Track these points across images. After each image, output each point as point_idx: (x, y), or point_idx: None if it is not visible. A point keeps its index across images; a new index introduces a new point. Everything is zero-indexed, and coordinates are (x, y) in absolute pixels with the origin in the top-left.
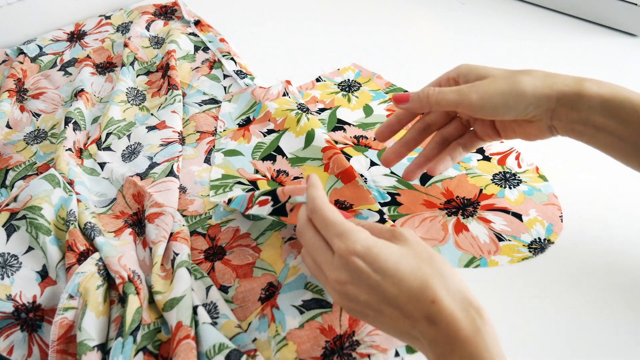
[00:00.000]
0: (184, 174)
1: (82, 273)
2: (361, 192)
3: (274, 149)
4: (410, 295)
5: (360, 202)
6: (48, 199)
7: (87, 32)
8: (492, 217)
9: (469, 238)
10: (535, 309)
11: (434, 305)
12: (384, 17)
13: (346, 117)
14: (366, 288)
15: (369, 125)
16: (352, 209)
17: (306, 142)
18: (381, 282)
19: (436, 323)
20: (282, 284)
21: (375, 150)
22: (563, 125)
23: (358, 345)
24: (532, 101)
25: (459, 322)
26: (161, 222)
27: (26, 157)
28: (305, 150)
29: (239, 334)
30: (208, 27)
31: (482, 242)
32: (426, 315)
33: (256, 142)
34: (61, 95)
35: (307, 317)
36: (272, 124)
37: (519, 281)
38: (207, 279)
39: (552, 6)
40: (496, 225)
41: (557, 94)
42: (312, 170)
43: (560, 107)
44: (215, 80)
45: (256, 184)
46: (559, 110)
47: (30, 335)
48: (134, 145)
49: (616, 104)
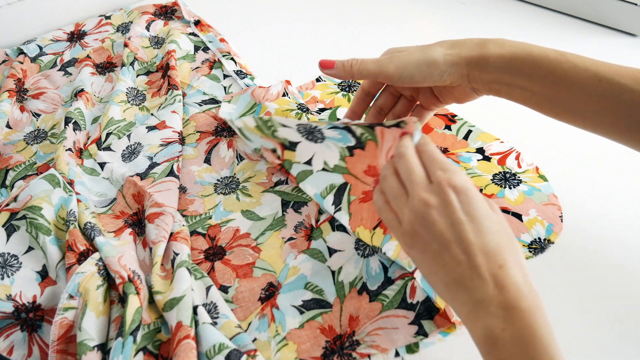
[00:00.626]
0: (184, 174)
1: (82, 273)
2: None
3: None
4: (484, 249)
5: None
6: (48, 199)
7: (87, 32)
8: None
9: None
10: None
11: (501, 270)
12: (384, 17)
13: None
14: (447, 221)
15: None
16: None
17: None
18: (464, 223)
19: (501, 286)
20: (282, 284)
21: None
22: (481, 87)
23: (358, 345)
24: (444, 69)
25: (523, 293)
26: (161, 222)
27: (26, 157)
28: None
29: (239, 334)
30: (208, 27)
31: None
32: (492, 275)
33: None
34: (61, 95)
35: (307, 317)
36: None
37: None
38: (207, 279)
39: (552, 6)
40: None
41: (465, 60)
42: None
43: (471, 70)
44: (215, 80)
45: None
46: (472, 73)
47: (30, 335)
48: (134, 145)
49: (519, 61)
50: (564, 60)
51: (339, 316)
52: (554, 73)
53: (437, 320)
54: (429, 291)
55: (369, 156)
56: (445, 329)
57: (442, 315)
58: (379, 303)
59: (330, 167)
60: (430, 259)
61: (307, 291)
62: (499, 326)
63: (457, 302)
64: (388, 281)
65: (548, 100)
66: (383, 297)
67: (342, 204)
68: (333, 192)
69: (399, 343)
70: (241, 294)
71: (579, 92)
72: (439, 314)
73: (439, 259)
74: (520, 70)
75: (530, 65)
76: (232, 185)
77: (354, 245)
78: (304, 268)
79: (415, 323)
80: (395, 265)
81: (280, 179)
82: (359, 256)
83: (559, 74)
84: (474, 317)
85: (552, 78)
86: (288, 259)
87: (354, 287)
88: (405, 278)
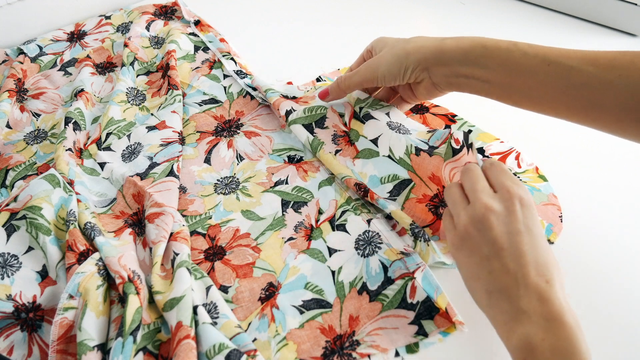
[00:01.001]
0: (184, 174)
1: (82, 273)
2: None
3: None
4: (536, 263)
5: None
6: (48, 199)
7: (87, 32)
8: None
9: None
10: None
11: (547, 285)
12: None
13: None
14: (505, 229)
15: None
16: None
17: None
18: (522, 234)
19: (545, 299)
20: (282, 284)
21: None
22: (440, 81)
23: (358, 345)
24: (409, 66)
25: (565, 308)
26: (161, 222)
27: (26, 157)
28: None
29: (239, 334)
30: (208, 27)
31: None
32: (538, 287)
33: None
34: (61, 95)
35: (307, 317)
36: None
37: None
38: (207, 279)
39: (552, 6)
40: None
41: (424, 55)
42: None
43: (431, 65)
44: (215, 80)
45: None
46: (432, 68)
47: (30, 335)
48: (134, 145)
49: (475, 53)
50: (515, 49)
51: (339, 316)
52: (506, 62)
53: (437, 320)
54: (429, 291)
55: (433, 164)
56: (446, 329)
57: (442, 315)
58: (379, 303)
59: (396, 157)
60: (477, 263)
61: (307, 291)
62: (539, 335)
63: (497, 309)
64: (388, 281)
65: (504, 89)
66: (383, 297)
67: (399, 197)
68: (394, 182)
69: (399, 343)
70: (241, 294)
71: (531, 79)
72: (439, 314)
73: (486, 263)
74: (475, 61)
75: (484, 56)
76: (232, 185)
77: (354, 245)
78: (304, 268)
79: (415, 323)
80: (395, 265)
81: (280, 179)
82: (358, 256)
83: (510, 62)
84: (512, 326)
85: (505, 67)
86: (288, 259)
87: (354, 287)
88: (405, 278)
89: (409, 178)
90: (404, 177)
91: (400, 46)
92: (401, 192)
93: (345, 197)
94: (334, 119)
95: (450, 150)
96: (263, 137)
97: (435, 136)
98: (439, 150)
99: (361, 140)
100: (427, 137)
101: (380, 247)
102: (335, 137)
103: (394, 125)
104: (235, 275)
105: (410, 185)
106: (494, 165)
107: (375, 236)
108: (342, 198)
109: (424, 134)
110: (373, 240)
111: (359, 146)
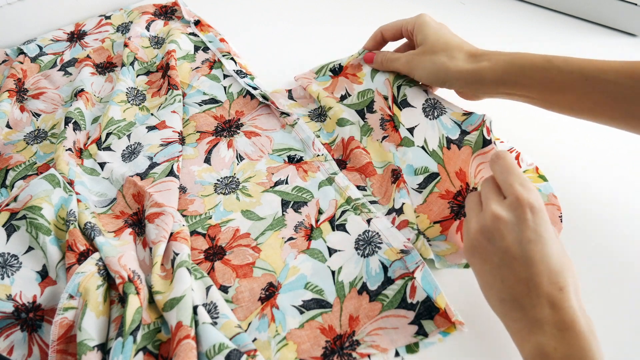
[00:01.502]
0: (184, 174)
1: (82, 273)
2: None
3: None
4: (548, 271)
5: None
6: (48, 199)
7: (87, 32)
8: None
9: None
10: None
11: (561, 293)
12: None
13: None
14: (516, 238)
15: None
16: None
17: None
18: (533, 242)
19: (558, 308)
20: (282, 284)
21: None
22: (483, 95)
23: (358, 345)
24: (448, 82)
25: (578, 316)
26: (161, 222)
27: (26, 157)
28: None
29: (239, 334)
30: (208, 27)
31: None
32: (551, 296)
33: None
34: (61, 95)
35: (307, 317)
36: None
37: None
38: (207, 279)
39: (552, 6)
40: None
41: (465, 80)
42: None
43: (471, 84)
44: (215, 80)
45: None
46: (472, 86)
47: (30, 335)
48: (134, 145)
49: (512, 74)
50: (550, 67)
51: (339, 316)
52: (544, 81)
53: (437, 320)
54: (429, 291)
55: (462, 158)
56: (445, 329)
57: (442, 315)
58: (379, 303)
59: (429, 149)
60: (489, 272)
61: (307, 291)
62: (551, 345)
63: (510, 318)
64: (388, 281)
65: (546, 103)
66: (383, 297)
67: (424, 190)
68: (425, 175)
69: (399, 343)
70: (241, 294)
71: (570, 94)
72: (439, 314)
73: (497, 272)
74: (514, 82)
75: (522, 76)
76: (232, 185)
77: (354, 245)
78: (303, 268)
79: (415, 323)
80: (395, 265)
81: (280, 179)
82: (358, 256)
83: (548, 81)
84: (526, 335)
85: (543, 86)
86: (288, 258)
87: (354, 287)
88: (405, 278)
89: (437, 172)
90: (433, 171)
91: (441, 61)
92: (427, 186)
93: (345, 197)
94: (380, 102)
95: (481, 140)
96: (263, 137)
97: (469, 120)
98: (470, 139)
99: (402, 128)
100: (462, 119)
101: (380, 247)
102: (383, 122)
103: (430, 103)
104: (235, 275)
105: (436, 179)
106: (500, 160)
107: (375, 236)
108: (342, 198)
109: (459, 115)
110: (373, 240)
111: (402, 133)
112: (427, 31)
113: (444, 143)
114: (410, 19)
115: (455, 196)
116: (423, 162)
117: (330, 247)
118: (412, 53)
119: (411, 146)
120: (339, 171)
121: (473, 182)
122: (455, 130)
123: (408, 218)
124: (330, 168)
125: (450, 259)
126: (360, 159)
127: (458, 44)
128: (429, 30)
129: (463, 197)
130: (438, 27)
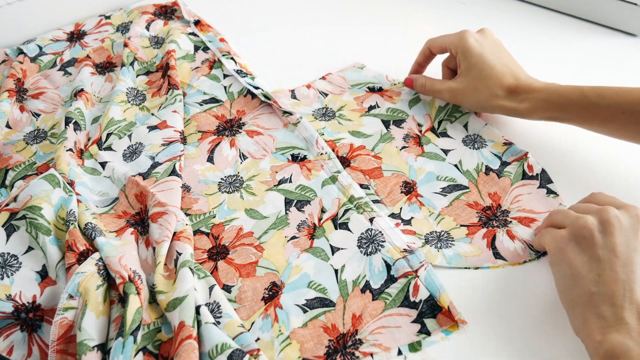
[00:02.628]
0: (187, 173)
1: (82, 273)
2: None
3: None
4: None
5: None
6: (48, 199)
7: (87, 32)
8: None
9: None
10: (536, 309)
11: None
12: (384, 17)
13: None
14: (625, 241)
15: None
16: None
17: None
18: (637, 251)
19: None
20: (285, 283)
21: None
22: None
23: (361, 343)
24: (495, 112)
25: None
26: (164, 222)
27: (26, 157)
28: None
29: (242, 333)
30: (208, 27)
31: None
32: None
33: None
34: (61, 95)
35: (310, 316)
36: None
37: (519, 283)
38: (210, 279)
39: (552, 6)
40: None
41: (506, 113)
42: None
43: (512, 116)
44: (215, 80)
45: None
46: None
47: (30, 335)
48: (135, 145)
49: (551, 114)
50: (587, 103)
51: (342, 315)
52: (584, 113)
53: (440, 318)
54: (432, 289)
55: (500, 186)
56: (448, 327)
57: (445, 314)
58: (382, 301)
59: (463, 169)
60: (585, 262)
61: (310, 290)
62: (636, 351)
63: (595, 311)
64: (391, 279)
65: (591, 129)
66: (386, 295)
67: (450, 195)
68: (449, 183)
69: (401, 342)
70: (244, 294)
71: (612, 125)
72: (442, 313)
73: (596, 266)
74: (555, 118)
75: (561, 114)
76: (236, 183)
77: (357, 244)
78: (306, 267)
79: (418, 321)
80: (399, 263)
81: (284, 177)
82: (361, 254)
83: (587, 112)
84: (609, 331)
85: (583, 119)
86: (291, 257)
87: (357, 286)
88: (408, 276)
89: (467, 185)
90: (462, 184)
91: (483, 98)
92: (453, 192)
93: (348, 195)
94: (411, 124)
95: (521, 173)
96: (265, 135)
97: (510, 151)
98: (510, 171)
99: (431, 145)
100: (503, 149)
101: (383, 246)
102: (407, 137)
103: (470, 139)
104: (239, 275)
105: (464, 190)
106: (602, 194)
107: (378, 234)
108: (345, 197)
109: (500, 145)
110: (376, 238)
111: (427, 149)
112: (470, 60)
113: (482, 169)
114: (454, 39)
115: (484, 209)
116: (452, 174)
117: (333, 245)
118: (456, 83)
119: (439, 160)
120: (342, 169)
121: (507, 206)
122: (495, 161)
123: (415, 230)
124: (333, 166)
125: (471, 261)
126: (367, 164)
127: (498, 78)
128: (471, 58)
129: (493, 212)
130: (480, 52)
